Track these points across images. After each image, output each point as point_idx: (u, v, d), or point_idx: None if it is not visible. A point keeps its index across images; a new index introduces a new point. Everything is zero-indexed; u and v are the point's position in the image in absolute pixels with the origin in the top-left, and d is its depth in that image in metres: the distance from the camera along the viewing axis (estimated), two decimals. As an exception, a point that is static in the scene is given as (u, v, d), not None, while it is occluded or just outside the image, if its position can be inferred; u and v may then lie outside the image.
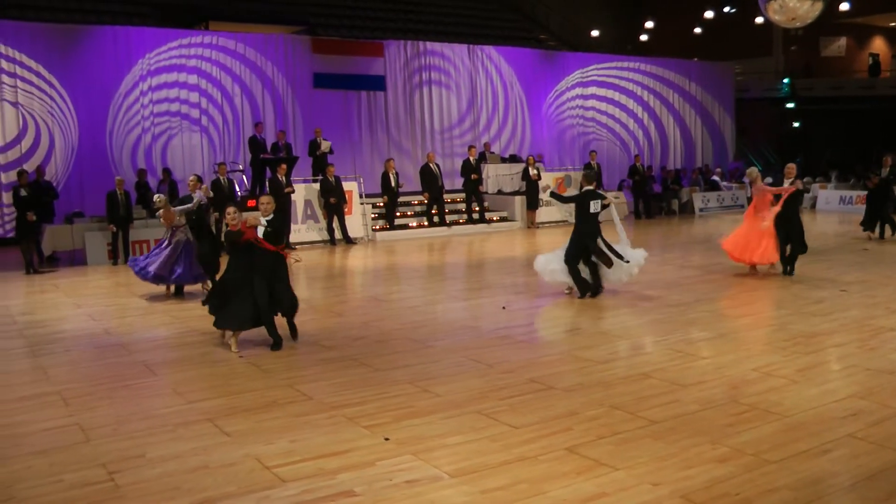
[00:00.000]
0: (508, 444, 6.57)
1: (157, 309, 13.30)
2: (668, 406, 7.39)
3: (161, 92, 24.08)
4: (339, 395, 8.06)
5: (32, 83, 22.23)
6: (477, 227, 24.77)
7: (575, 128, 32.28)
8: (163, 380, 8.91)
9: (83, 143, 22.79)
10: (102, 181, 21.56)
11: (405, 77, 28.32)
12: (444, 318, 11.92)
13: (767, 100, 38.06)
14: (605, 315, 11.69)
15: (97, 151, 22.99)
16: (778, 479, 5.73)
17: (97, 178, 22.17)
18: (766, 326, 10.64)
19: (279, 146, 22.38)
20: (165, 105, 24.19)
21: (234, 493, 5.76)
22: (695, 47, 37.37)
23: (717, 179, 31.78)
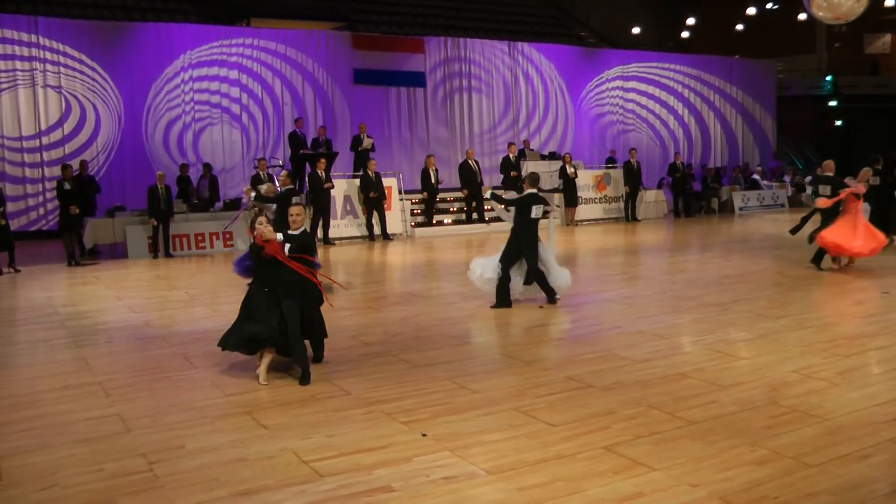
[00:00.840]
0: (546, 441, 6.56)
1: (197, 302, 13.41)
2: (706, 407, 7.35)
3: (202, 83, 24.36)
4: (377, 390, 8.09)
5: (76, 69, 22.59)
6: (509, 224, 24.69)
7: (614, 125, 32.19)
8: (202, 372, 8.99)
9: (125, 136, 23.07)
10: (143, 176, 21.84)
11: (445, 73, 28.35)
12: (481, 315, 11.91)
13: (809, 98, 37.67)
14: (643, 314, 11.63)
15: (137, 144, 23.29)
16: (817, 484, 5.68)
17: (138, 172, 22.47)
18: (806, 328, 10.53)
19: (319, 142, 22.47)
20: (206, 95, 24.50)
21: (271, 486, 5.80)
22: (736, 44, 37.05)
23: (758, 178, 31.50)
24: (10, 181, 21.92)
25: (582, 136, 31.22)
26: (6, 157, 22.12)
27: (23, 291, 14.96)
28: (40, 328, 11.55)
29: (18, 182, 22.27)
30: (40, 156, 22.47)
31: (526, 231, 12.37)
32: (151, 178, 20.08)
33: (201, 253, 19.92)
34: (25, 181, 22.37)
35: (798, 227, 17.96)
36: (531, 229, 12.36)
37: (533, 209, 12.27)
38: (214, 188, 22.20)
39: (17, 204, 21.97)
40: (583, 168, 26.18)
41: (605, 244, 20.82)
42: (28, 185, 22.40)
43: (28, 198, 22.43)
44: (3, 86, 22.04)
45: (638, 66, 32.78)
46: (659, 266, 16.84)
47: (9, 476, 6.12)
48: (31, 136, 22.39)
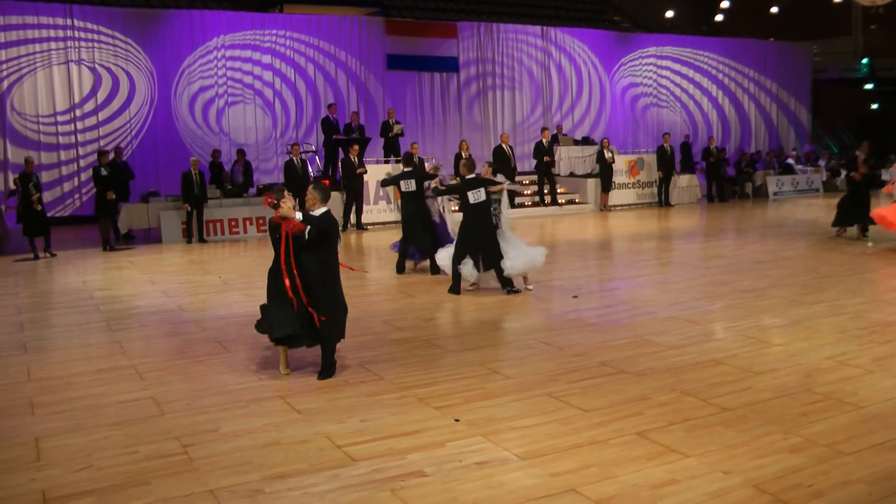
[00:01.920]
0: (578, 427, 6.56)
1: (230, 287, 13.49)
2: (739, 393, 7.32)
3: (235, 62, 24.55)
4: (410, 375, 8.11)
5: (109, 44, 22.85)
6: (549, 209, 24.65)
7: (648, 110, 31.99)
8: (235, 356, 9.05)
9: (157, 111, 23.26)
10: (176, 158, 22.08)
11: (478, 59, 28.30)
12: (514, 300, 11.91)
13: (845, 81, 37.24)
14: (676, 300, 11.59)
15: (169, 122, 23.46)
16: (852, 472, 5.64)
17: (170, 151, 22.65)
18: (840, 314, 10.45)
19: (352, 127, 22.51)
20: (239, 74, 24.70)
21: (304, 470, 5.85)
22: (771, 27, 36.68)
23: (792, 162, 31.22)
24: (46, 168, 22.12)
25: (615, 121, 31.08)
26: (42, 140, 22.31)
27: (58, 275, 15.12)
28: (75, 312, 11.67)
29: (54, 167, 22.48)
30: (74, 131, 22.61)
31: (469, 217, 12.35)
32: (184, 161, 20.24)
33: (235, 238, 20.03)
34: (60, 164, 22.56)
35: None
36: (473, 214, 12.29)
37: (469, 194, 12.22)
38: (248, 174, 22.29)
39: (53, 191, 22.18)
40: (616, 153, 26.06)
41: (639, 229, 20.73)
42: (63, 167, 22.60)
43: (63, 182, 22.63)
44: (37, 65, 22.23)
45: (672, 51, 32.57)
46: (692, 251, 16.76)
47: (46, 456, 6.21)
48: (65, 110, 22.60)
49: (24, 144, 22.04)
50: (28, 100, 22.24)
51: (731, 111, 33.93)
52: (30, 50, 22.19)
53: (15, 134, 22.08)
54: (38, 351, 9.55)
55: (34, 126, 22.31)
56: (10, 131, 22.03)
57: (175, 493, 5.48)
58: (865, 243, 16.66)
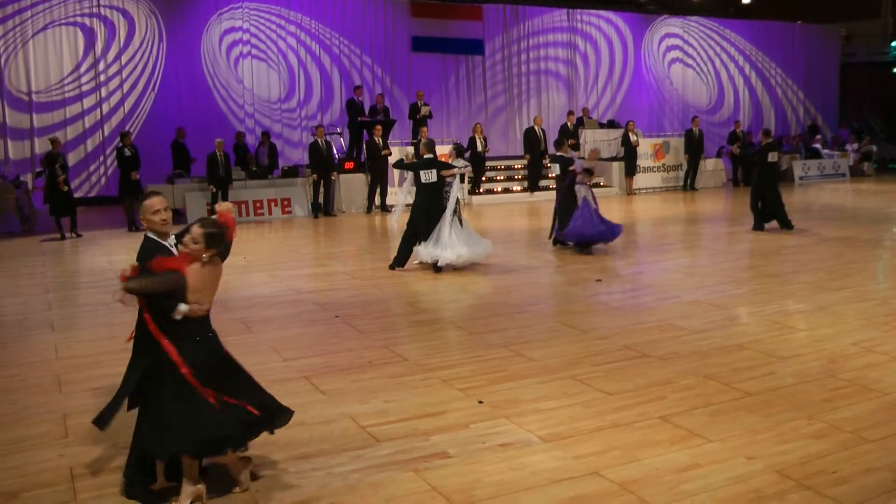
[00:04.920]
0: (601, 410, 6.58)
1: (254, 268, 13.55)
2: (763, 378, 7.31)
3: (261, 34, 24.51)
4: (434, 357, 8.14)
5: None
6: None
7: (675, 93, 31.81)
8: (260, 337, 9.10)
9: (184, 101, 23.34)
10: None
11: (503, 41, 28.21)
12: (538, 283, 11.92)
13: (874, 64, 36.85)
14: (701, 284, 11.56)
15: (201, 108, 23.53)
16: (877, 459, 5.63)
17: (201, 139, 22.63)
18: (866, 300, 10.40)
19: (377, 109, 22.51)
20: (265, 45, 24.64)
21: (329, 451, 5.89)
22: (799, 9, 36.33)
23: (819, 147, 30.98)
24: (72, 147, 22.24)
25: (640, 104, 30.93)
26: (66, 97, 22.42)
27: (84, 255, 15.24)
28: (101, 291, 11.74)
29: (80, 142, 22.59)
30: (97, 86, 22.68)
31: (419, 195, 12.78)
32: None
33: (259, 220, 20.11)
34: (86, 139, 22.65)
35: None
36: (423, 193, 12.70)
37: (422, 174, 12.50)
38: (273, 156, 22.36)
39: (79, 176, 22.31)
40: (641, 136, 25.94)
41: (664, 213, 20.67)
42: (88, 141, 22.70)
43: (90, 162, 22.75)
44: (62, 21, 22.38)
45: (699, 33, 32.36)
46: (717, 235, 16.69)
47: (74, 433, 6.30)
48: (86, 69, 22.76)
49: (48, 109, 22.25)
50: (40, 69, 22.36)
51: (759, 94, 33.69)
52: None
53: (39, 105, 22.26)
54: (66, 329, 9.64)
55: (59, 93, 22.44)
56: (35, 105, 22.19)
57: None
58: None
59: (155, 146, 22.19)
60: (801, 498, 5.11)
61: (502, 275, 12.56)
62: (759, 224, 16.63)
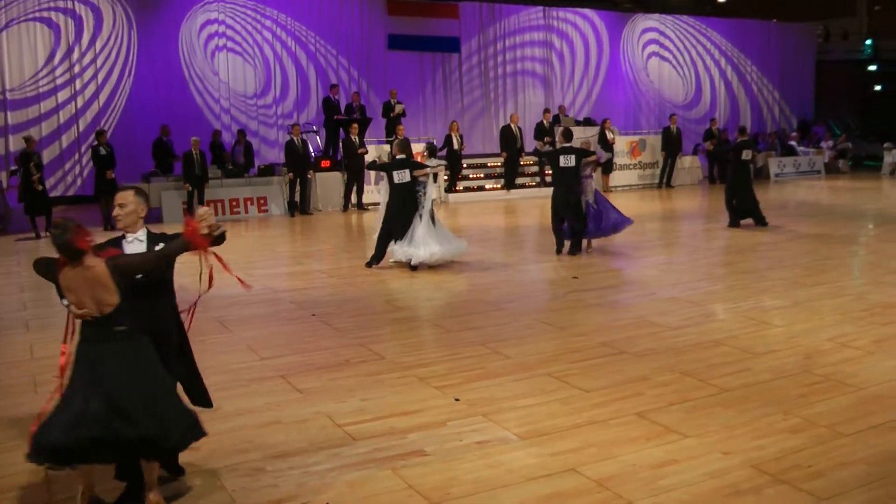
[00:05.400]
0: (578, 407, 6.58)
1: (231, 267, 13.43)
2: (739, 374, 7.34)
3: (237, 35, 24.36)
4: (411, 355, 8.13)
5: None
6: (548, 189, 24.56)
7: (650, 91, 31.90)
8: (237, 336, 9.06)
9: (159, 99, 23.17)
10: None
11: (480, 39, 28.20)
12: (515, 280, 11.92)
13: (849, 62, 37.08)
14: (677, 281, 11.60)
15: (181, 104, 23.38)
16: (852, 453, 5.66)
17: (176, 134, 22.46)
18: (841, 296, 10.46)
19: (353, 107, 22.45)
20: (240, 47, 24.48)
21: (305, 450, 5.87)
22: (775, 8, 36.51)
23: (794, 144, 31.14)
24: (47, 143, 22.00)
25: (617, 101, 30.98)
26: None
27: (60, 255, 15.11)
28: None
29: (55, 139, 22.33)
30: (71, 79, 22.47)
31: (393, 195, 12.85)
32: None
33: (236, 218, 20.02)
34: (60, 135, 22.39)
35: None
36: (396, 193, 12.75)
37: (395, 174, 12.59)
38: (249, 154, 22.27)
39: (54, 174, 22.06)
40: (618, 134, 25.98)
41: (640, 210, 20.68)
42: (63, 137, 22.39)
43: (65, 159, 22.52)
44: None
45: (674, 31, 32.44)
46: (693, 233, 16.75)
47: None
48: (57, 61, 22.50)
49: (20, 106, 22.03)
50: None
51: (736, 92, 33.81)
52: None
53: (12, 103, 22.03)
54: (41, 329, 9.56)
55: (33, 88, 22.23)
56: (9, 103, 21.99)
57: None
58: None
59: (131, 143, 21.99)
60: (776, 492, 5.13)
61: (479, 272, 12.56)
62: (734, 221, 16.70)
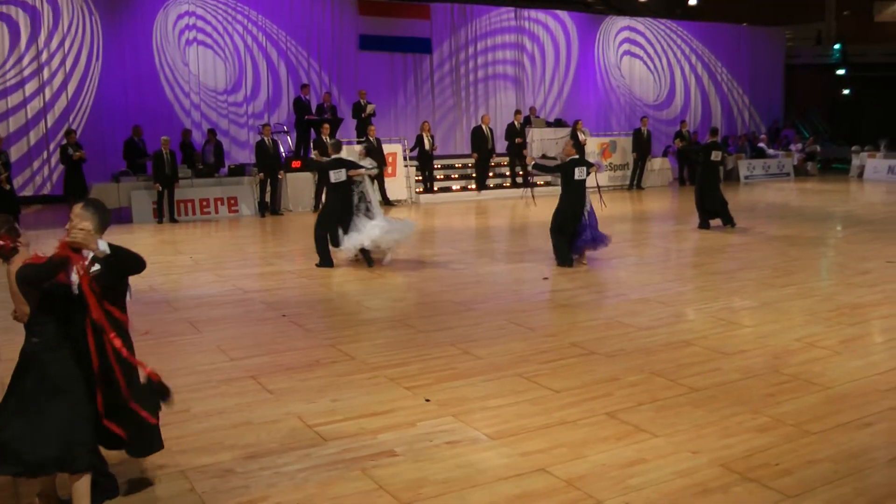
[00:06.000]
0: (549, 407, 6.60)
1: (201, 267, 13.43)
2: (708, 374, 7.38)
3: (207, 38, 24.19)
4: (381, 355, 8.12)
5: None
6: (520, 190, 24.63)
7: (622, 92, 32.03)
8: (207, 337, 9.02)
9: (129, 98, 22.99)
10: (149, 134, 21.93)
11: (451, 40, 28.22)
12: (486, 281, 11.93)
13: (818, 66, 37.42)
14: (647, 282, 11.65)
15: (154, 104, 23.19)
16: (818, 451, 5.72)
17: (146, 129, 22.27)
18: (810, 296, 10.55)
19: (324, 107, 22.43)
20: (211, 49, 24.32)
21: (276, 450, 5.85)
22: (745, 12, 36.79)
23: (764, 147, 31.38)
24: (15, 140, 21.75)
25: (588, 103, 31.09)
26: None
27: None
28: (46, 292, 11.57)
29: (22, 135, 22.06)
30: (38, 70, 22.22)
31: (330, 194, 13.31)
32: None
33: (206, 218, 19.93)
34: (28, 130, 22.11)
35: None
36: (334, 192, 13.11)
37: (331, 174, 12.82)
38: (220, 154, 22.18)
39: (23, 174, 21.81)
40: (589, 135, 26.06)
41: (611, 212, 20.72)
42: (31, 133, 22.10)
43: (33, 157, 22.27)
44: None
45: (645, 34, 32.60)
46: (664, 234, 16.84)
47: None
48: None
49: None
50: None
51: (708, 94, 34.00)
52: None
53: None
54: (8, 331, 9.43)
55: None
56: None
57: (147, 475, 5.47)
58: None
59: (100, 142, 21.77)
60: (745, 490, 5.16)
61: (450, 273, 12.57)
62: (704, 223, 16.79)
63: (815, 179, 30.03)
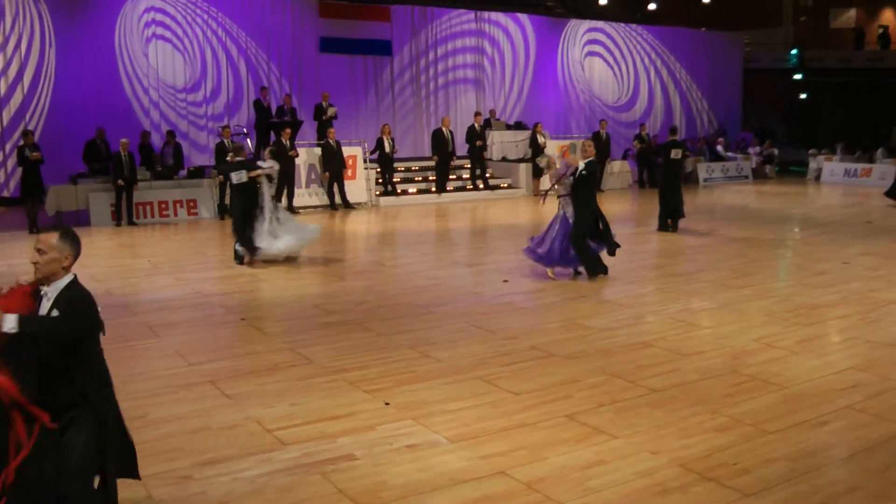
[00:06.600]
0: (509, 410, 6.60)
1: (160, 271, 13.31)
2: (668, 375, 7.42)
3: (166, 44, 23.93)
4: (341, 359, 8.09)
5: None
6: (481, 193, 24.67)
7: (582, 95, 32.14)
8: (165, 341, 8.93)
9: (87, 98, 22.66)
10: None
11: (412, 42, 28.17)
12: (446, 284, 11.92)
13: (775, 71, 37.81)
14: (607, 284, 11.69)
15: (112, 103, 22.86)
16: (776, 450, 5.77)
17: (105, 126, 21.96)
18: (767, 297, 10.64)
19: (284, 110, 22.31)
20: (169, 51, 24.04)
21: (234, 455, 5.80)
22: (703, 17, 37.10)
23: (721, 150, 31.63)
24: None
25: (548, 105, 31.15)
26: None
27: (-17, 259, 14.80)
28: (1, 296, 11.42)
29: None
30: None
31: (234, 195, 13.83)
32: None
33: (165, 221, 19.75)
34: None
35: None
36: (237, 193, 13.63)
37: (232, 175, 13.49)
38: (179, 156, 21.97)
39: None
40: (549, 138, 26.11)
41: (571, 214, 20.84)
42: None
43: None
44: None
45: (605, 38, 32.72)
46: (623, 236, 16.85)
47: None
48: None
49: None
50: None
51: (662, 100, 34.21)
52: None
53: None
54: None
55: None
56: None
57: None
58: None
59: (57, 142, 21.42)
60: (704, 490, 5.19)
61: (409, 276, 12.55)
62: (663, 224, 16.88)
63: (774, 182, 30.30)
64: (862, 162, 29.68)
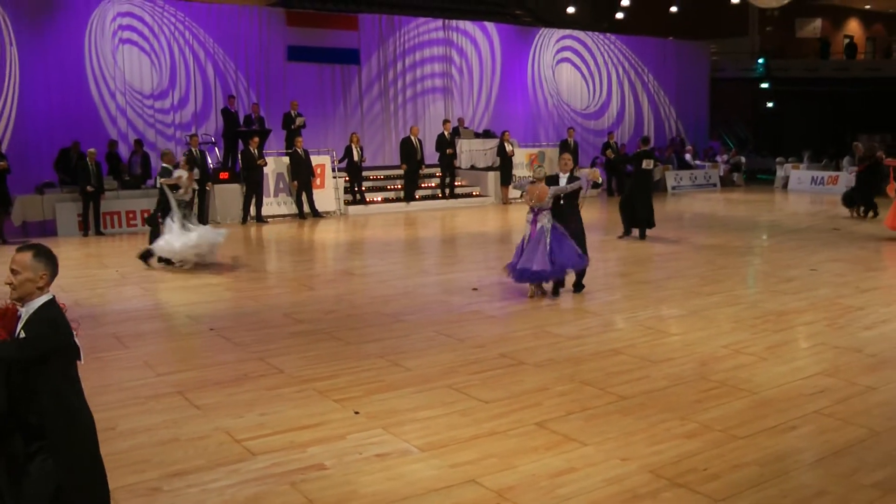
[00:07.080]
0: (478, 418, 6.59)
1: (128, 281, 13.22)
2: (637, 382, 7.44)
3: (133, 48, 23.73)
4: (310, 368, 8.05)
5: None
6: (449, 201, 24.69)
7: (550, 104, 32.24)
8: (134, 352, 8.86)
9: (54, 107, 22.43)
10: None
11: (379, 51, 28.16)
12: (415, 293, 11.90)
13: (742, 80, 38.14)
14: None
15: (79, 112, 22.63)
16: (745, 455, 5.79)
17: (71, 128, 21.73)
18: (736, 304, 10.71)
19: (252, 119, 22.24)
20: (136, 56, 23.85)
21: (204, 466, 5.76)
22: (671, 26, 37.35)
23: (689, 158, 31.84)
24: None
25: (516, 114, 31.22)
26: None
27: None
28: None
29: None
30: None
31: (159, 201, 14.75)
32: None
33: (132, 231, 19.60)
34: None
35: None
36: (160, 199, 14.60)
37: (159, 181, 14.61)
38: (146, 165, 21.84)
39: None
40: (517, 146, 26.20)
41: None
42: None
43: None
44: None
45: (573, 46, 32.86)
46: (592, 244, 16.89)
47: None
48: None
49: None
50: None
51: (630, 108, 34.37)
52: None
53: None
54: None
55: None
56: None
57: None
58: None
59: (23, 151, 21.23)
60: (674, 496, 5.21)
61: (378, 285, 12.52)
62: (627, 231, 16.96)
63: (741, 190, 30.55)
64: (829, 170, 29.96)
